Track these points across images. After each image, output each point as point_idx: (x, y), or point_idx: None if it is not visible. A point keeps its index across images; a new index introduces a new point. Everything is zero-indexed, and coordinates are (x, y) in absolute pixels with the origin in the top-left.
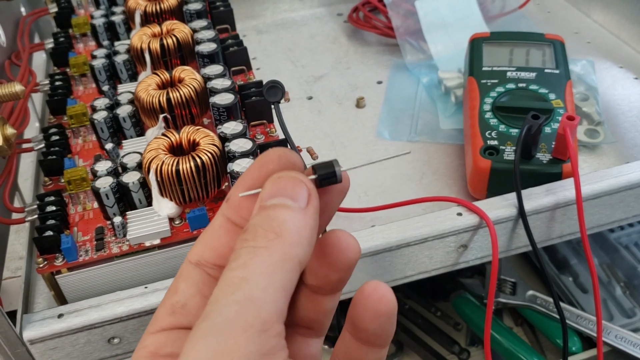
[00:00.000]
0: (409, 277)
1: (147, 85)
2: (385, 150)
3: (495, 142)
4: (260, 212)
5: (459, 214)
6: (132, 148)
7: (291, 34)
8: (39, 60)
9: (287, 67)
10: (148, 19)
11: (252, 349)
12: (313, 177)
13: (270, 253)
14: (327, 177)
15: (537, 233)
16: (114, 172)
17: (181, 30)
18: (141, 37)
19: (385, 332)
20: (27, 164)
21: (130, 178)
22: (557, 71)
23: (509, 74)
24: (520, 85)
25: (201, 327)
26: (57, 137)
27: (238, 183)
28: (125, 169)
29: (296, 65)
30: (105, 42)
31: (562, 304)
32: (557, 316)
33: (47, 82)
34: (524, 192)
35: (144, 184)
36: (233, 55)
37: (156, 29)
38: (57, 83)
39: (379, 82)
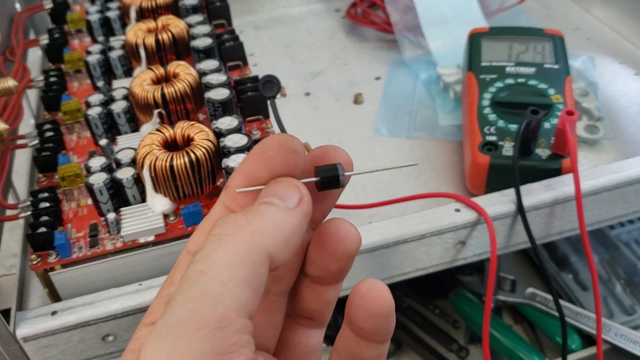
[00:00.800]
0: (407, 274)
1: (142, 81)
2: (383, 146)
3: (494, 138)
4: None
5: (457, 210)
6: (126, 144)
7: (289, 29)
8: (34, 57)
9: (284, 63)
10: (143, 14)
11: (205, 350)
12: (314, 179)
13: (236, 242)
14: (329, 181)
15: (536, 229)
16: (108, 168)
17: (177, 25)
18: (136, 32)
19: (383, 331)
20: (22, 161)
21: (125, 174)
22: (557, 66)
23: (508, 69)
24: (520, 80)
25: (157, 326)
26: (51, 133)
27: (237, 170)
28: (119, 164)
29: (294, 61)
30: (101, 38)
31: (561, 302)
32: (557, 314)
33: (41, 78)
34: (523, 188)
35: (138, 180)
36: (229, 51)
37: (151, 24)
38: (52, 79)
39: (377, 78)
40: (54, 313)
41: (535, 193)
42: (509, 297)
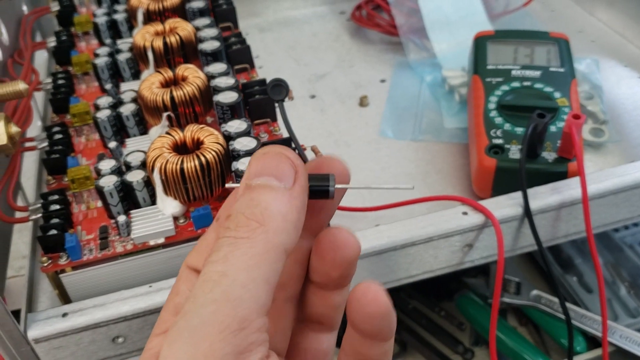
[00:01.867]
0: (414, 276)
1: (151, 84)
2: (388, 148)
3: (500, 141)
4: (245, 193)
5: (465, 213)
6: (135, 147)
7: (293, 32)
8: (41, 59)
9: (289, 65)
10: (150, 17)
11: (227, 350)
12: None
13: (252, 244)
14: (318, 190)
15: (543, 232)
16: (118, 171)
17: (184, 28)
18: (144, 35)
19: (383, 330)
20: (30, 163)
21: (135, 177)
22: (562, 70)
23: (513, 72)
24: (525, 83)
25: (178, 326)
26: (60, 136)
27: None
28: (129, 167)
29: (299, 63)
30: (108, 41)
31: (566, 304)
32: (562, 316)
33: (49, 80)
34: (530, 191)
35: (148, 183)
36: (236, 54)
37: (159, 27)
38: (60, 82)
39: (382, 81)
40: (64, 315)
41: (542, 196)
42: (514, 299)
